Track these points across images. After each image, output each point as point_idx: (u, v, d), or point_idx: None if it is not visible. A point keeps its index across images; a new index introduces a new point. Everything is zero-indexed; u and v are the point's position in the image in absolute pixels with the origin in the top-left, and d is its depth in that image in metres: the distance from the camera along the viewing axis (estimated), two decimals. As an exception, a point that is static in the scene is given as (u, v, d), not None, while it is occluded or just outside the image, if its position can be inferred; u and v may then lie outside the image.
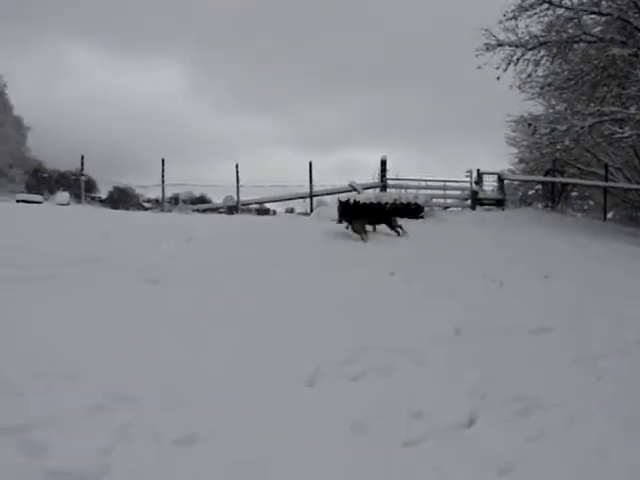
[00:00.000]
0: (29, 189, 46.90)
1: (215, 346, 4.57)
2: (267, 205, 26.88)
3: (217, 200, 40.11)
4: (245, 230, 11.34)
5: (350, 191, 17.50)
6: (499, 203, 19.23)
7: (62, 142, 44.45)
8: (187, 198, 40.81)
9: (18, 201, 17.38)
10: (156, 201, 23.97)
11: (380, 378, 4.19)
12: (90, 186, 41.76)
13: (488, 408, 3.82)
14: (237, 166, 21.31)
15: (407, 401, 3.83)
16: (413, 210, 14.08)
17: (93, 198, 30.99)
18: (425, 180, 18.16)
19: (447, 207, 19.12)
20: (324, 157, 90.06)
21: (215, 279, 6.60)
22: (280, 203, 23.75)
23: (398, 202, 13.88)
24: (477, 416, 3.72)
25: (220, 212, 21.00)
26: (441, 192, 19.12)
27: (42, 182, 40.36)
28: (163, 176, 20.76)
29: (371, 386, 4.09)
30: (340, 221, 11.13)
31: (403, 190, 16.04)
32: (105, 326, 4.77)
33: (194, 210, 20.72)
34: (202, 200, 42.75)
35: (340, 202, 11.35)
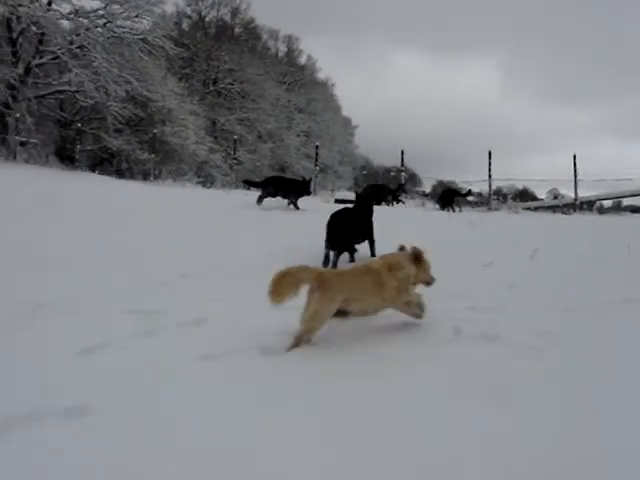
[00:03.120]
0: (357, 185, 49.09)
1: None
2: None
3: (541, 195, 36.22)
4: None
5: None
6: None
7: (388, 139, 45.84)
8: (510, 192, 37.16)
9: (337, 201, 16.18)
10: (479, 194, 21.64)
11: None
12: (414, 181, 42.30)
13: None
14: (575, 157, 18.25)
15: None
16: None
17: (417, 192, 30.20)
18: None
19: None
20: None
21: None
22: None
23: None
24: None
25: (555, 211, 18.16)
26: None
27: (368, 178, 41.20)
28: (490, 170, 18.26)
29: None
30: None
31: None
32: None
33: (525, 208, 18.11)
34: (525, 193, 38.76)
35: None
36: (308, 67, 44.63)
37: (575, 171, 18.12)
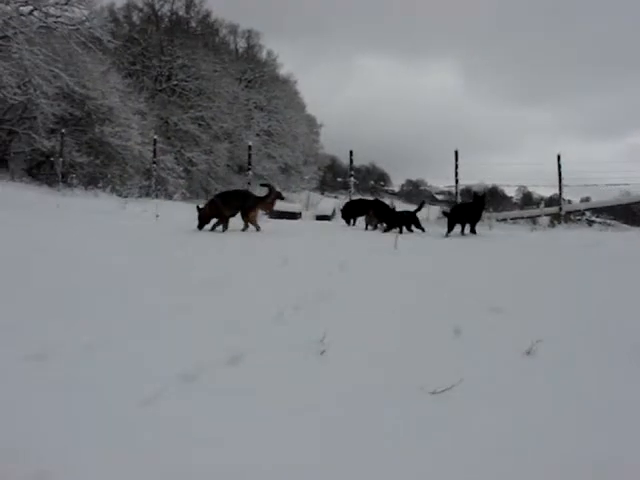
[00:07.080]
0: (322, 186, 47.17)
1: None
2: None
3: (510, 193, 34.31)
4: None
5: None
6: None
7: (356, 139, 44.97)
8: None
9: (319, 218, 14.10)
10: (448, 193, 19.80)
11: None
12: (384, 180, 40.98)
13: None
14: (559, 158, 15.45)
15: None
16: None
17: (386, 192, 28.66)
18: None
19: None
20: (609, 144, 78.33)
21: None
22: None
23: None
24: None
25: (536, 223, 14.36)
26: None
27: (337, 177, 39.33)
28: (457, 169, 16.08)
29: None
30: None
31: None
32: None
33: (500, 220, 14.49)
34: (495, 193, 36.93)
35: None
36: (269, 63, 42.52)
37: (560, 174, 15.32)
